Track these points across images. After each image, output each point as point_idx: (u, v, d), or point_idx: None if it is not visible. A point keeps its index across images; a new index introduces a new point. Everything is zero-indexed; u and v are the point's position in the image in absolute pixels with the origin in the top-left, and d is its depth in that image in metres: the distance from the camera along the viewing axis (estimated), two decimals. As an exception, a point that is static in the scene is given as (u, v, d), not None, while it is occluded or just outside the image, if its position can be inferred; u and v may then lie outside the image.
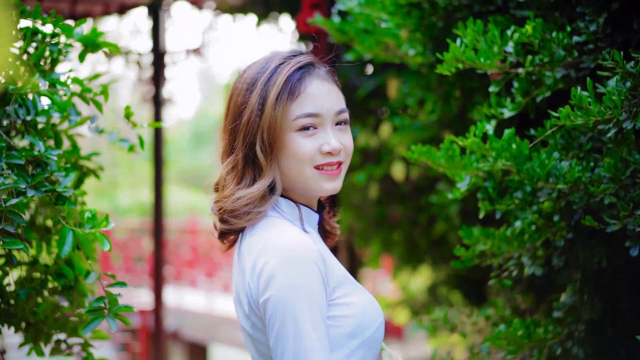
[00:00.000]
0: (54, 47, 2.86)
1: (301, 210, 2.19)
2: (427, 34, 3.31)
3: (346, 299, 2.10)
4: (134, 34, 9.09)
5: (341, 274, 2.15)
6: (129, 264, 14.84)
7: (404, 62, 3.54)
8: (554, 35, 2.67)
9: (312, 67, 2.20)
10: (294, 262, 2.01)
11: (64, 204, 2.44)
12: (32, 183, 2.39)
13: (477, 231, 2.90)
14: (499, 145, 2.57)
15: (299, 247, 2.03)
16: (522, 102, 2.77)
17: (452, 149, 2.74)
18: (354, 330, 2.10)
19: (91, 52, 2.98)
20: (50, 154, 2.47)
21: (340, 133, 2.20)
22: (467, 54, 2.65)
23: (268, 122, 2.12)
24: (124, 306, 2.41)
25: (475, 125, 2.62)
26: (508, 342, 2.85)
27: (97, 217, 2.42)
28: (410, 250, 5.78)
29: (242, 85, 2.19)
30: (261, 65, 2.20)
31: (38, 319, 2.89)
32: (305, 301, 1.99)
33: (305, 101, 2.14)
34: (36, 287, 2.84)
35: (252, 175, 2.17)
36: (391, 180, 5.85)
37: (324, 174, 2.16)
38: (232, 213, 2.15)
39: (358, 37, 3.59)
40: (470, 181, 2.80)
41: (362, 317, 2.11)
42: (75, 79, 2.74)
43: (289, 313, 1.99)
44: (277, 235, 2.08)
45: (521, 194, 2.76)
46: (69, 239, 2.37)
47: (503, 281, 2.98)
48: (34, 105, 2.61)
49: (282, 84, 2.13)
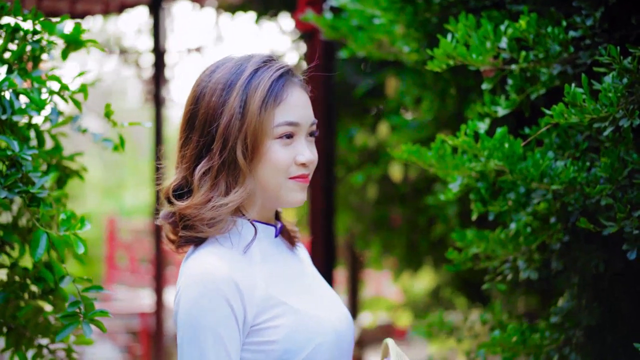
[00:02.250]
0: (35, 44, 2.79)
1: (256, 234, 2.13)
2: (422, 30, 3.22)
3: (271, 323, 2.04)
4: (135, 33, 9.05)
5: (270, 294, 2.07)
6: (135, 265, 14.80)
7: (399, 59, 3.45)
8: (549, 30, 2.57)
9: (291, 75, 2.13)
10: (196, 295, 1.99)
11: (38, 206, 2.36)
12: (6, 184, 2.31)
13: (470, 233, 2.81)
14: (490, 144, 2.48)
15: (205, 277, 2.00)
16: (516, 99, 2.68)
17: (444, 148, 2.64)
18: (281, 355, 2.03)
19: (74, 49, 2.91)
20: (24, 154, 2.39)
21: (310, 145, 2.15)
22: (459, 50, 2.56)
23: (253, 126, 2.04)
24: (100, 311, 2.33)
25: (466, 123, 2.53)
26: (502, 348, 2.76)
27: (72, 219, 2.34)
28: (410, 252, 5.69)
29: (216, 86, 2.09)
30: (235, 66, 2.11)
31: (19, 324, 2.81)
32: (201, 337, 1.98)
33: (287, 109, 2.07)
34: (15, 291, 2.76)
35: (227, 182, 2.08)
36: (390, 181, 5.77)
37: (298, 182, 2.10)
38: (208, 221, 2.07)
39: (351, 34, 3.51)
40: (462, 182, 2.71)
41: (290, 341, 2.04)
42: (54, 77, 2.66)
43: (184, 341, 2.00)
44: (195, 260, 2.06)
45: (515, 195, 2.66)
46: (42, 241, 2.29)
47: (497, 285, 2.89)
48: (10, 104, 2.53)
49: (268, 89, 2.06)
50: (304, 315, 2.08)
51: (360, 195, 5.92)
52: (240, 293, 2.00)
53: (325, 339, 2.08)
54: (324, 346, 2.07)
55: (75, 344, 2.92)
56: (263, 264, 2.11)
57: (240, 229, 2.11)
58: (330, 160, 4.96)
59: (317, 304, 2.14)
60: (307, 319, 2.07)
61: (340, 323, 2.15)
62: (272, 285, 2.08)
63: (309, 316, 2.08)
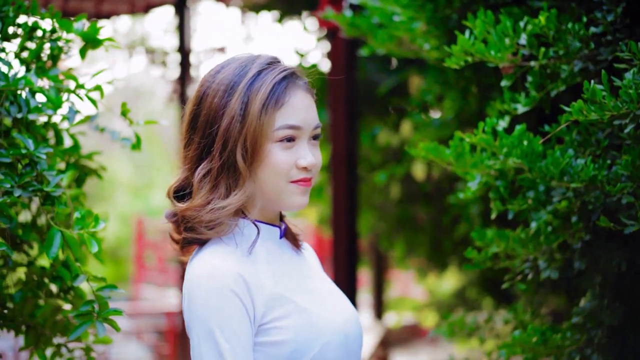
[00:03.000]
0: (53, 43, 2.79)
1: (259, 234, 2.11)
2: (442, 27, 3.19)
3: (278, 323, 2.02)
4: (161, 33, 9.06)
5: (279, 291, 2.05)
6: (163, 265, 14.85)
7: (419, 56, 3.41)
8: (570, 26, 2.53)
9: (295, 77, 2.09)
10: (201, 291, 1.98)
11: (53, 204, 2.35)
12: (20, 182, 2.31)
13: (490, 232, 2.77)
14: (509, 141, 2.45)
15: (212, 275, 1.98)
16: (536, 96, 2.64)
17: (462, 146, 2.61)
18: (289, 355, 2.01)
19: (92, 48, 2.91)
20: (39, 153, 2.39)
21: (313, 148, 2.11)
22: (477, 47, 2.53)
23: (253, 129, 2.02)
24: (114, 310, 2.32)
25: (484, 121, 2.50)
26: (523, 348, 2.72)
27: (87, 218, 2.33)
28: (435, 252, 5.65)
29: (219, 87, 2.07)
30: (239, 67, 2.08)
31: (37, 322, 2.81)
32: (213, 329, 1.96)
33: (289, 112, 2.04)
34: (33, 290, 2.76)
35: (227, 184, 2.06)
36: (413, 180, 5.73)
37: (299, 186, 2.08)
38: (207, 223, 2.05)
39: (371, 32, 3.48)
40: (481, 180, 2.67)
41: (297, 341, 2.01)
42: (70, 75, 2.66)
43: (200, 342, 1.97)
44: (200, 260, 2.04)
45: (534, 193, 2.62)
46: (56, 240, 2.28)
47: (518, 284, 2.85)
48: (26, 102, 2.53)
49: (269, 92, 2.03)
50: (311, 315, 2.05)
51: (384, 194, 5.88)
52: (248, 288, 1.98)
53: (332, 339, 2.05)
54: (331, 346, 2.05)
55: (95, 343, 2.92)
56: (269, 264, 2.10)
57: (242, 229, 2.09)
58: (353, 160, 4.94)
59: (324, 304, 2.12)
60: (314, 318, 2.05)
61: (346, 324, 2.13)
62: (279, 285, 2.06)
63: (316, 315, 2.06)
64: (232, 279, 1.97)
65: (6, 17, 2.69)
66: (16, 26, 2.73)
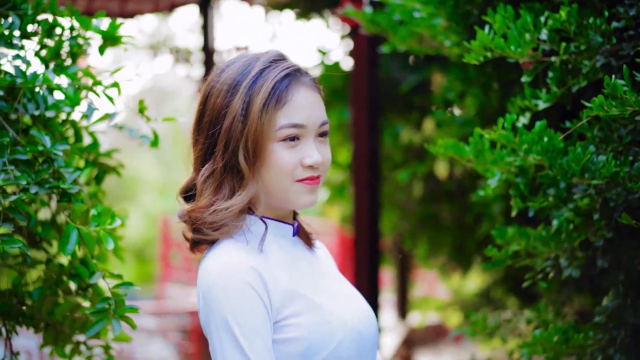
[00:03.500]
0: (72, 40, 2.79)
1: (267, 230, 2.08)
2: (462, 23, 3.15)
3: (292, 320, 2.00)
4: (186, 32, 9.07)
5: (293, 287, 2.03)
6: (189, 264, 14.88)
7: (440, 53, 3.38)
8: (591, 21, 2.49)
9: (299, 75, 2.06)
10: (218, 286, 1.96)
11: (69, 201, 2.35)
12: (36, 179, 2.31)
13: (511, 230, 2.74)
14: (529, 138, 2.41)
15: (227, 270, 1.96)
16: (557, 92, 2.60)
17: (482, 143, 2.58)
18: (304, 352, 1.99)
19: (111, 45, 2.91)
20: (56, 149, 2.39)
21: (320, 145, 2.08)
22: (496, 42, 2.50)
23: (254, 129, 1.99)
24: (130, 307, 2.32)
25: (503, 117, 2.46)
26: (544, 347, 2.68)
27: (104, 215, 2.33)
28: (458, 251, 5.61)
29: (222, 87, 2.05)
30: (242, 66, 2.06)
31: (56, 320, 2.81)
32: (231, 325, 1.94)
33: (291, 110, 2.02)
34: (52, 287, 2.76)
35: (231, 185, 2.05)
36: (435, 178, 5.69)
37: (305, 184, 2.05)
38: (212, 225, 2.04)
39: (391, 28, 3.45)
40: (501, 177, 2.64)
41: (311, 339, 1.99)
42: (87, 73, 2.66)
43: (221, 339, 1.95)
44: (212, 257, 2.02)
45: (555, 190, 2.59)
46: (72, 237, 2.28)
47: (539, 283, 2.82)
48: (44, 100, 2.53)
49: (270, 91, 2.00)
50: (326, 312, 2.03)
51: (406, 193, 5.85)
52: (263, 282, 1.97)
53: (346, 337, 2.03)
54: (345, 344, 2.03)
55: (113, 341, 2.92)
56: (282, 261, 2.08)
57: (250, 226, 2.07)
58: (375, 158, 4.91)
59: (338, 302, 2.10)
60: (328, 316, 2.03)
61: (361, 322, 2.10)
62: (293, 281, 2.04)
63: (330, 313, 2.04)
64: (246, 273, 1.96)
65: (25, 15, 2.70)
66: (35, 24, 2.74)
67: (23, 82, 2.48)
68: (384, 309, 9.77)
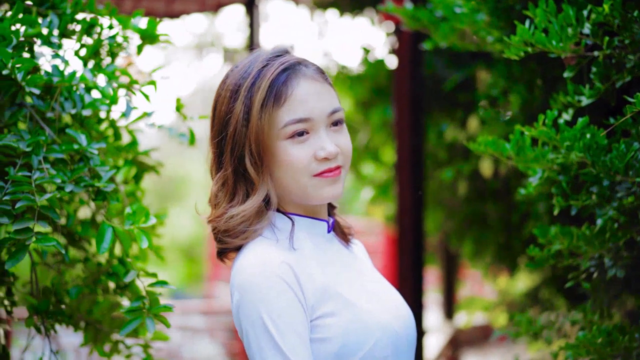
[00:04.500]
0: (111, 39, 2.79)
1: (294, 226, 2.04)
2: (504, 18, 3.09)
3: (327, 320, 1.96)
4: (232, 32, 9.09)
5: (326, 285, 1.99)
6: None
7: (481, 49, 3.32)
8: (635, 14, 2.42)
9: (298, 67, 2.01)
10: (252, 283, 1.91)
11: (104, 200, 2.35)
12: (72, 178, 2.31)
13: (554, 229, 2.67)
14: (571, 135, 2.35)
15: (261, 266, 1.92)
16: (601, 88, 2.53)
17: (523, 140, 2.52)
18: (338, 352, 1.94)
19: (149, 44, 2.91)
20: (91, 148, 2.39)
21: (335, 135, 2.02)
22: (537, 37, 2.44)
23: (255, 132, 1.96)
24: (164, 306, 2.31)
25: (544, 113, 2.41)
26: (587, 349, 2.61)
27: (139, 213, 2.32)
28: (503, 250, 5.52)
29: (226, 93, 2.03)
30: (244, 69, 2.03)
31: (95, 319, 2.82)
32: (268, 322, 1.90)
33: (294, 105, 1.97)
34: (90, 286, 2.77)
35: (244, 191, 2.02)
36: (480, 177, 5.62)
37: (324, 178, 2.00)
38: (226, 233, 2.02)
39: (432, 25, 3.40)
40: (542, 175, 2.58)
41: (346, 338, 1.95)
42: (124, 71, 2.66)
43: (257, 334, 1.91)
44: (245, 255, 1.97)
45: (598, 188, 2.52)
46: (107, 235, 2.27)
47: (582, 283, 2.75)
48: (81, 98, 2.53)
49: (267, 90, 1.96)
50: (361, 311, 1.99)
51: (451, 191, 5.78)
52: (297, 278, 1.93)
53: (382, 337, 1.99)
54: (381, 344, 1.99)
55: (152, 340, 2.92)
56: (316, 257, 2.04)
57: (278, 224, 2.05)
58: (419, 156, 4.87)
59: (374, 300, 2.06)
60: (364, 316, 1.99)
61: (397, 321, 2.06)
62: (327, 278, 2.00)
63: (366, 313, 2.00)
64: (279, 268, 1.92)
65: (64, 14, 2.70)
66: (74, 23, 2.75)
67: (60, 81, 2.48)
68: (430, 309, 9.71)
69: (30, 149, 2.29)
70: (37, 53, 2.60)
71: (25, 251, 2.13)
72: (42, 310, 2.68)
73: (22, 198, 2.15)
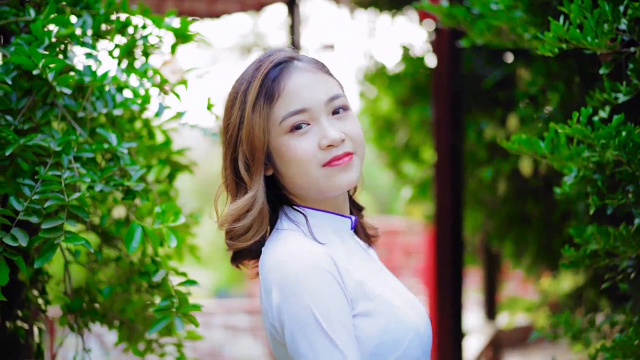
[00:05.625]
0: (144, 39, 2.80)
1: (309, 219, 2.01)
2: (541, 15, 3.04)
3: (364, 319, 1.91)
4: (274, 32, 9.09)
5: (363, 281, 1.95)
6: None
7: (518, 46, 3.27)
8: (674, 9, 2.37)
9: (291, 62, 2.00)
10: (298, 276, 1.85)
11: (134, 199, 2.35)
12: (102, 177, 2.31)
13: (590, 229, 2.62)
14: (606, 132, 2.30)
15: (303, 259, 1.87)
16: (638, 85, 2.48)
17: (558, 138, 2.47)
18: (373, 351, 1.90)
19: (183, 43, 2.91)
20: (122, 147, 2.39)
21: (340, 122, 1.99)
22: (572, 33, 2.39)
23: (247, 131, 1.96)
24: (193, 305, 2.30)
25: (578, 111, 2.36)
26: (624, 352, 2.56)
27: (168, 213, 2.32)
28: (545, 250, 5.44)
29: (228, 103, 2.05)
30: (242, 76, 2.04)
31: (128, 318, 2.83)
32: (318, 317, 1.83)
33: (288, 99, 1.96)
34: (123, 285, 2.78)
35: (244, 192, 2.01)
36: (521, 176, 5.54)
37: (334, 166, 1.96)
38: (227, 235, 2.01)
39: (469, 22, 3.36)
40: (578, 174, 2.53)
41: (383, 338, 1.91)
42: (155, 71, 2.66)
43: (306, 331, 1.84)
44: (282, 250, 1.93)
45: (634, 187, 2.46)
46: (137, 234, 2.27)
47: (620, 285, 2.69)
48: (112, 98, 2.54)
49: (258, 89, 1.96)
50: (398, 310, 1.96)
51: (491, 191, 5.71)
52: (339, 270, 1.90)
53: (415, 337, 1.97)
54: (414, 345, 1.96)
55: (186, 340, 2.92)
56: (346, 254, 2.01)
57: (299, 220, 2.02)
58: (458, 155, 4.82)
59: (403, 300, 2.03)
60: (401, 315, 1.96)
61: (422, 323, 2.03)
62: (361, 275, 1.97)
63: (403, 313, 1.97)
64: (323, 260, 1.88)
65: (97, 15, 2.71)
66: (108, 23, 2.76)
67: (92, 81, 2.49)
68: (472, 310, 9.62)
69: (61, 149, 2.30)
70: (70, 54, 2.62)
71: (55, 250, 2.14)
72: (75, 309, 2.70)
73: (51, 197, 2.16)
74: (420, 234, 10.30)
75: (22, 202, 2.17)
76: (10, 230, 2.12)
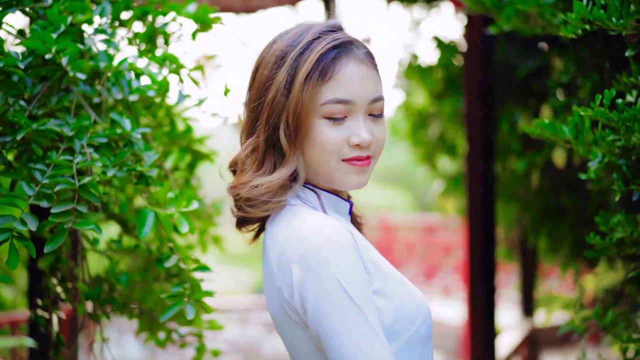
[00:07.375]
0: (164, 26, 2.79)
1: (321, 197, 1.96)
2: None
3: (381, 296, 1.84)
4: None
5: (377, 260, 1.90)
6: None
7: (546, 32, 3.19)
8: (702, -12, 2.29)
9: (350, 47, 1.93)
10: (322, 250, 1.78)
11: (147, 184, 2.32)
12: (115, 162, 2.29)
13: (616, 217, 2.54)
14: (629, 115, 2.23)
15: (326, 232, 1.80)
16: (665, 67, 2.40)
17: (582, 122, 2.40)
18: (389, 328, 1.84)
19: (202, 30, 2.89)
20: (135, 132, 2.37)
21: (372, 124, 1.94)
22: (595, 13, 2.32)
23: (294, 104, 1.88)
24: (205, 292, 2.27)
25: (601, 93, 2.29)
26: (653, 344, 2.48)
27: (180, 198, 2.29)
28: (580, 244, 5.33)
29: (270, 58, 1.95)
30: (293, 37, 1.95)
31: (148, 307, 2.81)
32: (347, 289, 1.76)
33: (337, 85, 1.89)
34: (141, 273, 2.76)
35: (272, 162, 1.95)
36: (554, 168, 5.44)
37: (352, 166, 1.92)
38: (248, 202, 1.93)
39: (495, 8, 3.28)
40: (602, 159, 2.45)
41: (399, 315, 1.85)
42: (172, 57, 2.63)
43: (331, 308, 1.76)
44: (302, 224, 1.86)
45: (660, 172, 2.39)
46: (149, 220, 2.25)
47: (647, 274, 2.61)
48: (128, 84, 2.52)
49: (314, 63, 1.88)
50: (410, 287, 1.93)
51: (524, 183, 5.61)
52: (357, 245, 1.85)
53: (427, 315, 1.93)
54: (425, 323, 1.92)
55: (207, 330, 2.90)
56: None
57: (307, 196, 1.97)
58: (490, 147, 4.74)
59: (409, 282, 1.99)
60: (413, 292, 1.92)
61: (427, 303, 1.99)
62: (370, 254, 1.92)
63: (415, 291, 1.93)
64: (346, 236, 1.83)
65: (117, 2, 2.70)
66: (128, 10, 2.74)
67: (107, 66, 2.47)
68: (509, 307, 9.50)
69: (74, 134, 2.29)
70: (87, 40, 2.60)
71: (65, 234, 2.12)
72: (94, 298, 2.68)
73: (61, 181, 2.15)
74: (456, 230, 10.21)
75: (32, 186, 2.15)
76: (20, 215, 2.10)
